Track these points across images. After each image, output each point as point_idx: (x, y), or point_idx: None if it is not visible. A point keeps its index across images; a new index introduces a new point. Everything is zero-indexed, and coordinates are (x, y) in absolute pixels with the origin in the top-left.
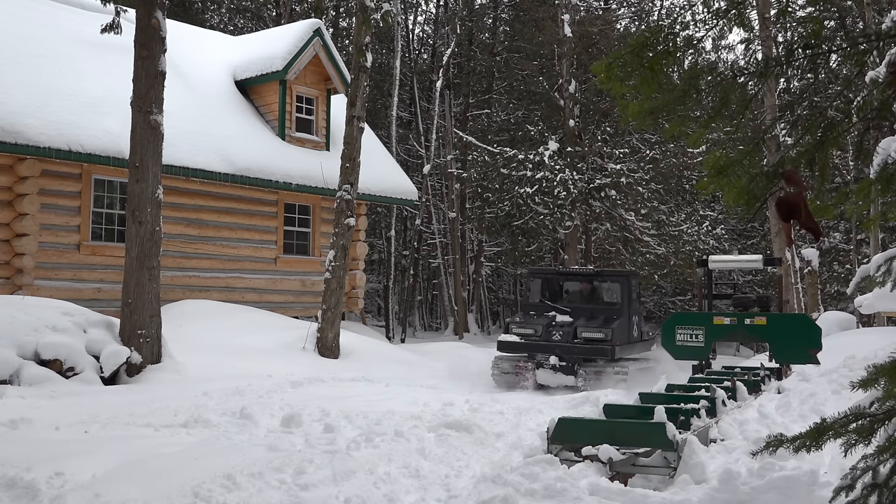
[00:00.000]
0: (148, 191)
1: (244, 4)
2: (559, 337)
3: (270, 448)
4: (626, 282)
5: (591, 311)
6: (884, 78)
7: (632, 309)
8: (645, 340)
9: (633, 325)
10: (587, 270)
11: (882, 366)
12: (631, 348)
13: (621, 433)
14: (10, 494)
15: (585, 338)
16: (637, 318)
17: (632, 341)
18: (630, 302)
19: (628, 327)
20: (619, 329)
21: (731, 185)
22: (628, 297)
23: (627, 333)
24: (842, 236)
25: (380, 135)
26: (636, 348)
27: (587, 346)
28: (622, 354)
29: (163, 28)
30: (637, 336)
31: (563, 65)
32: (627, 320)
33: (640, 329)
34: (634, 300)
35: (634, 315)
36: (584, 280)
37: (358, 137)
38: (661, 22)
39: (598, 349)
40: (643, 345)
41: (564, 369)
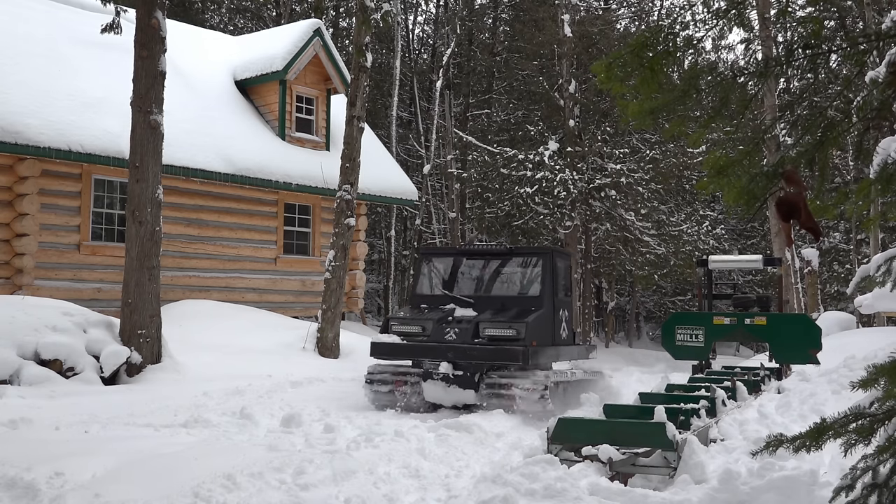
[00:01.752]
0: (148, 191)
1: (244, 4)
2: (454, 336)
3: (270, 448)
4: (548, 261)
5: (501, 302)
6: (884, 78)
7: (558, 299)
8: (578, 344)
9: (560, 321)
10: (496, 247)
11: (882, 366)
12: (557, 352)
13: (621, 433)
14: (10, 494)
15: (490, 336)
16: (567, 313)
17: (559, 343)
18: (555, 289)
19: (552, 324)
20: (538, 325)
21: (731, 185)
22: (552, 281)
23: (551, 332)
24: (842, 236)
25: (380, 135)
26: (566, 353)
27: (491, 348)
28: (543, 360)
29: (163, 28)
30: (568, 337)
31: (563, 65)
32: (551, 314)
33: (572, 329)
34: (562, 287)
35: (563, 308)
36: (493, 260)
37: (358, 137)
38: (661, 22)
39: (505, 352)
40: (578, 349)
41: (461, 381)
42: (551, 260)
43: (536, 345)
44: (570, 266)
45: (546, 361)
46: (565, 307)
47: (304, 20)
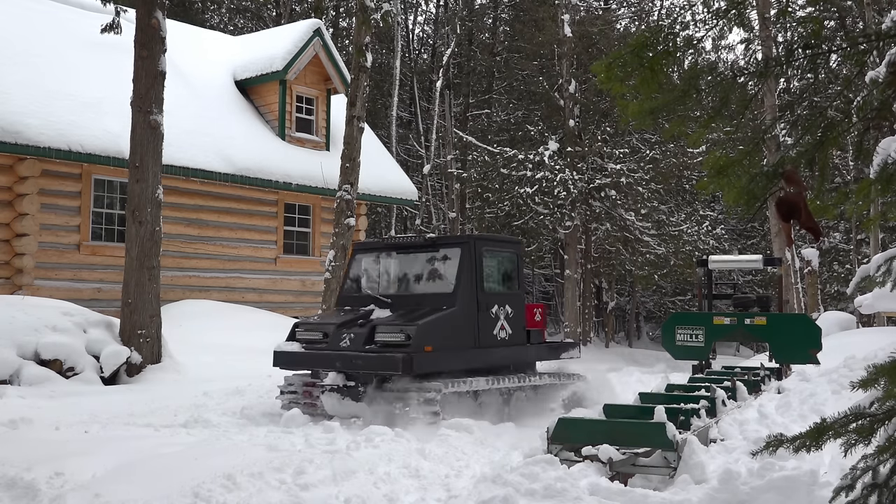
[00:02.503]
0: (148, 191)
1: (244, 4)
2: (347, 343)
3: (270, 448)
4: (467, 252)
5: (417, 301)
6: (884, 78)
7: (484, 295)
8: (536, 345)
9: (491, 320)
10: (416, 239)
11: (882, 366)
12: (479, 356)
13: (621, 433)
14: (10, 494)
15: (383, 342)
16: (510, 310)
17: (487, 345)
18: (477, 284)
19: (469, 324)
20: (437, 327)
21: (731, 185)
22: (471, 275)
23: (467, 333)
24: (842, 236)
25: (380, 135)
26: (502, 356)
27: (374, 355)
28: (448, 366)
29: (163, 28)
30: (512, 338)
31: (563, 65)
32: (467, 313)
33: (522, 328)
34: (484, 280)
35: (499, 305)
36: (416, 254)
37: (358, 137)
38: (661, 22)
39: (386, 360)
40: (532, 351)
41: (352, 393)
42: (472, 251)
43: (433, 349)
44: (516, 256)
45: (455, 367)
46: (505, 303)
47: (304, 20)
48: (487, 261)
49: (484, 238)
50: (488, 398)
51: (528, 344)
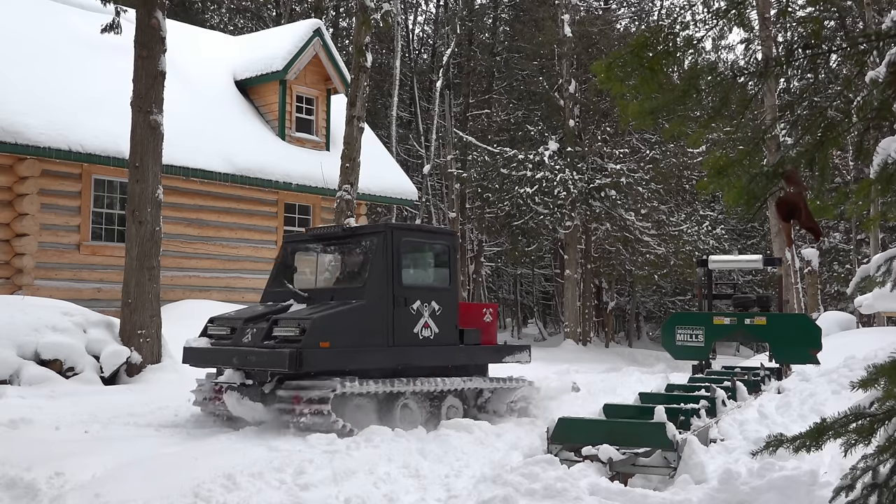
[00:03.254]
0: (148, 191)
1: (244, 4)
2: (249, 338)
3: (270, 448)
4: (383, 242)
5: (331, 294)
6: (884, 78)
7: (402, 289)
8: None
9: (411, 316)
10: (334, 230)
11: (882, 366)
12: (388, 356)
13: (621, 433)
14: (10, 494)
15: (281, 337)
16: (437, 306)
17: (405, 343)
18: (390, 275)
19: (381, 320)
20: (337, 321)
21: (731, 186)
22: (387, 267)
23: (376, 330)
24: (842, 236)
25: (380, 135)
26: (421, 356)
27: (266, 352)
28: (346, 365)
29: (163, 28)
30: (439, 337)
31: (563, 65)
32: (375, 306)
33: (454, 326)
34: (403, 272)
35: (424, 301)
36: (335, 245)
37: (358, 137)
38: (661, 22)
39: (275, 356)
40: (463, 352)
41: (251, 392)
42: (387, 241)
43: (332, 346)
44: (448, 248)
45: (362, 367)
46: (432, 299)
47: (304, 20)
48: (410, 252)
49: (404, 228)
50: (413, 403)
51: (460, 345)
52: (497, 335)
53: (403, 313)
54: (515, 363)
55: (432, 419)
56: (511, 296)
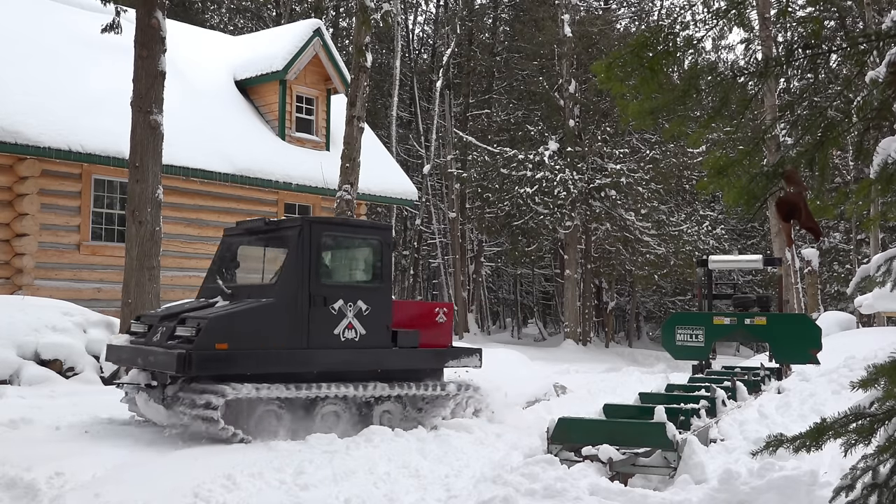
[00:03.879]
0: (148, 191)
1: (244, 4)
2: (158, 337)
3: (270, 448)
4: (298, 238)
5: (249, 292)
6: (884, 78)
7: (319, 287)
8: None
9: (315, 317)
10: (257, 223)
11: (882, 366)
12: (301, 359)
13: (621, 433)
14: (10, 494)
15: (181, 337)
16: (365, 306)
17: (317, 346)
18: (306, 272)
19: (293, 320)
20: (241, 321)
21: (731, 185)
22: (301, 264)
23: (287, 331)
24: (842, 236)
25: (380, 135)
26: (339, 360)
27: (161, 352)
28: (248, 368)
29: (163, 28)
30: (366, 339)
31: (563, 65)
32: (287, 306)
33: (387, 327)
34: (323, 269)
35: (338, 300)
36: (258, 240)
37: (358, 137)
38: (661, 22)
39: (167, 358)
40: (395, 356)
41: (154, 394)
42: (304, 236)
43: (230, 348)
44: (380, 244)
45: (268, 370)
46: (358, 298)
47: (304, 20)
48: (333, 248)
49: (324, 222)
50: (340, 409)
51: (394, 347)
52: (452, 336)
53: (322, 313)
54: (461, 368)
55: (361, 426)
56: (511, 296)
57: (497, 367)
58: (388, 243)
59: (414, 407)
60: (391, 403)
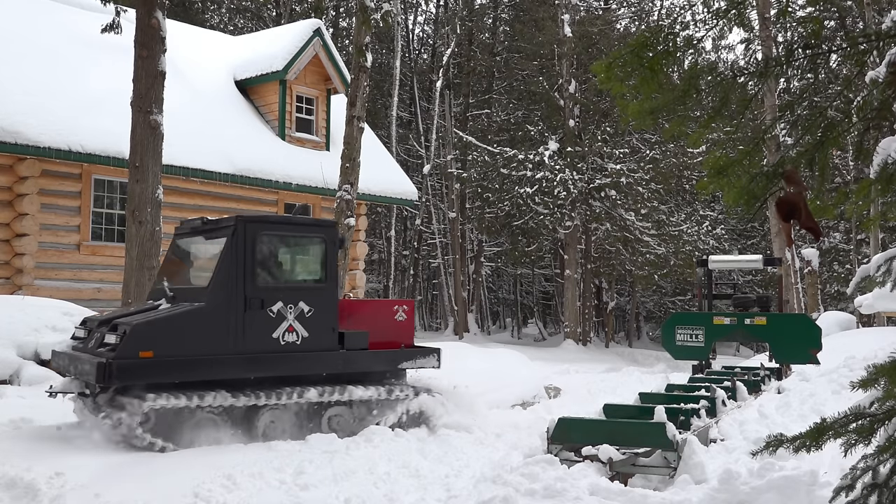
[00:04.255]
0: (148, 191)
1: (244, 4)
2: (93, 343)
3: (270, 448)
4: (233, 238)
5: (186, 295)
6: (884, 78)
7: (255, 289)
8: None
9: (251, 321)
10: (196, 223)
11: (882, 366)
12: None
13: (621, 433)
14: (10, 494)
15: (109, 344)
16: (308, 308)
17: (254, 351)
18: (241, 274)
19: (226, 325)
20: (166, 327)
21: (731, 185)
22: (233, 265)
23: (220, 336)
24: (842, 236)
25: (380, 135)
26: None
27: (86, 358)
28: (175, 376)
29: (163, 28)
30: (308, 342)
31: (563, 65)
32: (219, 309)
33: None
34: (259, 270)
35: (277, 302)
36: (198, 240)
37: (358, 137)
38: (661, 22)
39: (88, 366)
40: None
41: (91, 402)
42: (238, 236)
43: (156, 355)
44: (323, 242)
45: (199, 377)
46: (300, 300)
47: (304, 20)
48: (271, 248)
49: (260, 220)
50: (282, 415)
51: (341, 350)
52: (413, 336)
53: (259, 316)
54: (418, 369)
55: (308, 431)
56: (511, 296)
57: (486, 368)
58: (333, 241)
59: (369, 411)
60: (342, 408)
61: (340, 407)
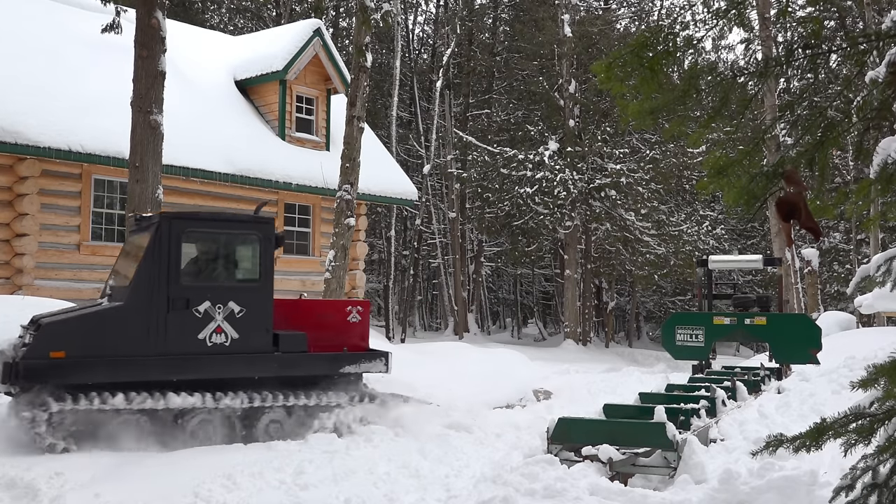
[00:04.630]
0: (148, 191)
1: (244, 4)
2: (22, 342)
3: (270, 448)
4: (157, 236)
5: (116, 292)
6: (884, 78)
7: (180, 289)
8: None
9: (174, 321)
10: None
11: (882, 365)
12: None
13: (621, 433)
14: (10, 494)
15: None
16: (219, 309)
17: (177, 353)
18: (164, 272)
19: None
20: (79, 327)
21: (731, 185)
22: (155, 263)
23: (139, 337)
24: (842, 236)
25: (380, 135)
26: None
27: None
28: (88, 377)
29: (163, 28)
30: (224, 343)
31: (563, 65)
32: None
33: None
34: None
35: (204, 301)
36: (133, 238)
37: (358, 137)
38: (661, 22)
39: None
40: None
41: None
42: (162, 234)
43: (68, 356)
44: (257, 239)
45: (117, 379)
46: (229, 300)
47: (304, 20)
48: (200, 246)
49: (187, 217)
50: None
51: (276, 352)
52: (367, 338)
53: (183, 317)
54: (363, 373)
55: (242, 438)
56: (511, 296)
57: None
58: (269, 238)
59: (310, 418)
60: (280, 413)
61: (278, 412)
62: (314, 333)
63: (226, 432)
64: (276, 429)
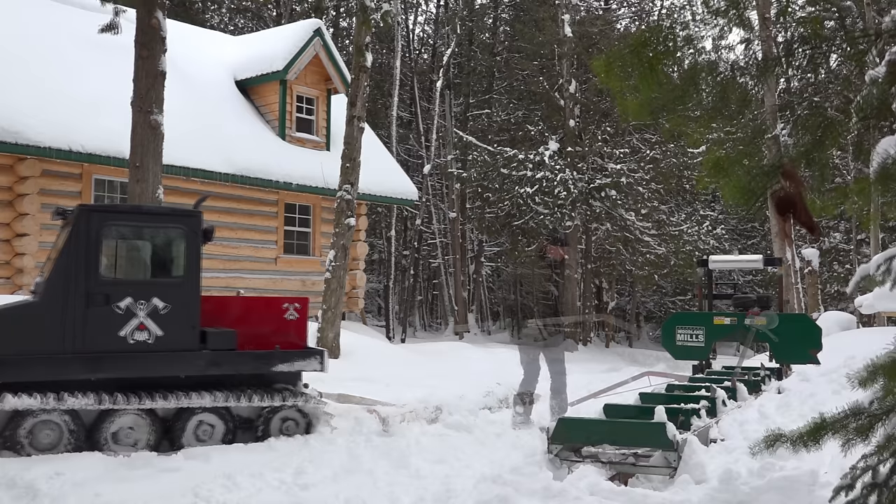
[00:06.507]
0: (148, 191)
1: (244, 4)
2: None
3: (270, 448)
4: (77, 229)
5: (38, 288)
6: (883, 77)
7: (98, 284)
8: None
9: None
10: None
11: (881, 363)
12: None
13: (621, 433)
14: (10, 494)
15: None
16: (141, 305)
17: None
18: (80, 267)
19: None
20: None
21: (730, 182)
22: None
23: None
24: (842, 236)
25: (380, 135)
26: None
27: None
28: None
29: (163, 28)
30: (146, 340)
31: (563, 65)
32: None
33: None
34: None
35: (125, 297)
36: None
37: (358, 137)
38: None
39: None
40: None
41: None
42: (79, 227)
43: None
44: (182, 233)
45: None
46: (153, 295)
47: (305, 20)
48: (120, 240)
49: (106, 210)
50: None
51: (203, 350)
52: (306, 336)
53: (102, 313)
54: (299, 372)
55: (170, 441)
56: (511, 296)
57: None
58: (195, 232)
59: (243, 420)
60: (210, 416)
61: (208, 414)
62: (246, 331)
63: (152, 434)
64: (204, 431)
